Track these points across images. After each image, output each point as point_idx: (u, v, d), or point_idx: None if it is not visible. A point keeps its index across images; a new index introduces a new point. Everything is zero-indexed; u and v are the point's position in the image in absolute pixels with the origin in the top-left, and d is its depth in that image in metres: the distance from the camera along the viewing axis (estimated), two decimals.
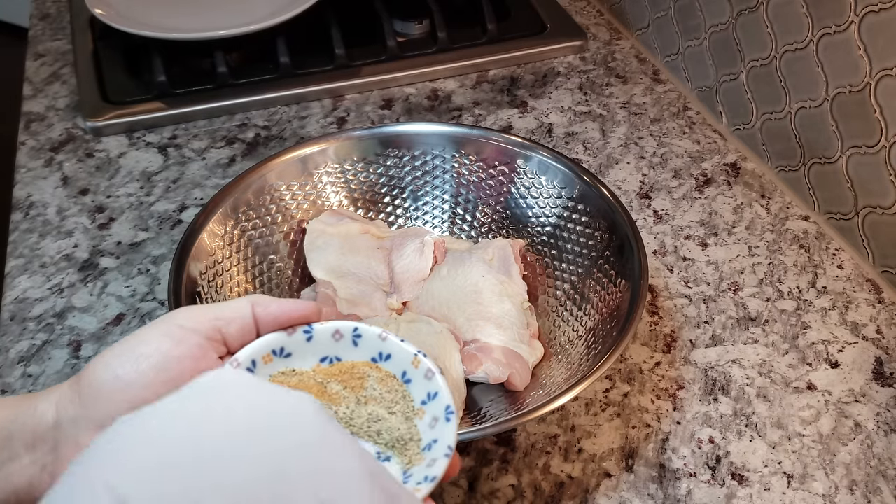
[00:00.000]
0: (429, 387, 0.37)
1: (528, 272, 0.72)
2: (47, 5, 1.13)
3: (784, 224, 0.83)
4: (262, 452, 0.26)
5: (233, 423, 0.27)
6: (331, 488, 0.26)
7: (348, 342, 0.38)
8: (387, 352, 0.38)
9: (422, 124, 0.76)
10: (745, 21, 0.86)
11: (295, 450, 0.26)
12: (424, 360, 0.37)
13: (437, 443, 0.35)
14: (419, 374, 0.37)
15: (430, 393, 0.37)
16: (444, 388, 0.37)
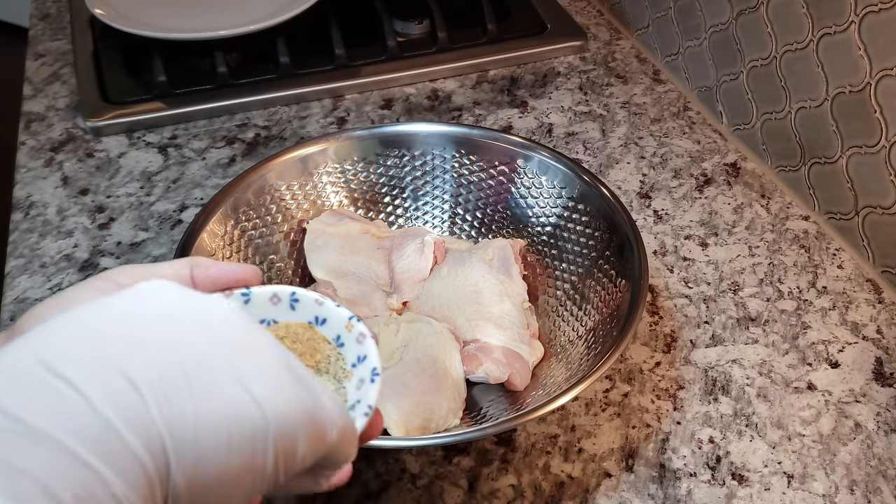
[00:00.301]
0: (359, 350, 0.38)
1: (528, 272, 0.72)
2: (47, 5, 1.13)
3: (784, 224, 0.83)
4: (187, 337, 0.27)
5: (160, 312, 0.28)
6: (249, 369, 0.28)
7: (286, 306, 0.39)
8: (323, 316, 0.39)
9: (422, 124, 0.76)
10: (745, 21, 0.86)
11: (218, 337, 0.28)
12: (357, 325, 0.38)
13: (360, 402, 0.36)
14: (352, 337, 0.38)
15: (359, 356, 0.38)
16: (373, 352, 0.38)
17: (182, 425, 0.26)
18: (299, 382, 0.29)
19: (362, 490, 0.60)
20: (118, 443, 0.24)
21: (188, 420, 0.26)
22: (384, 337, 0.64)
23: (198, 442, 0.26)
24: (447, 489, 0.61)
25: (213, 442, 0.26)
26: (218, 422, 0.26)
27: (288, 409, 0.28)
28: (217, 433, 0.26)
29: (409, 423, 0.58)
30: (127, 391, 0.25)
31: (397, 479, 0.61)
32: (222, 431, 0.26)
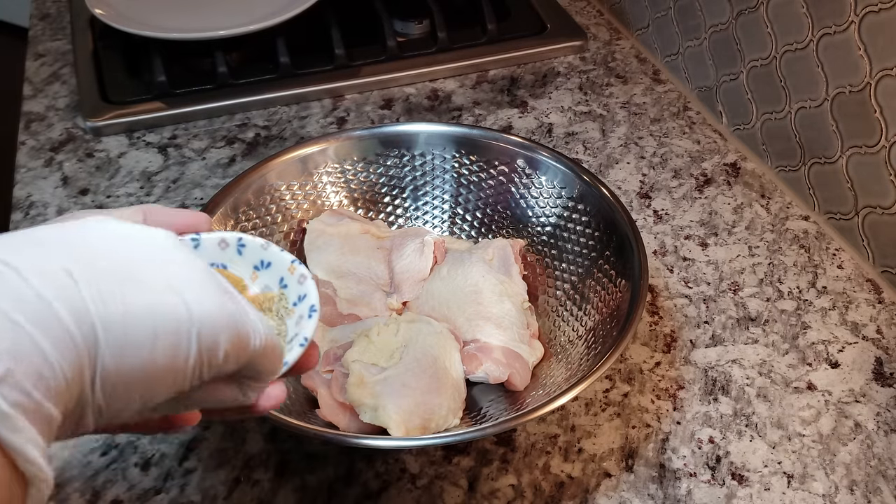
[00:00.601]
0: (300, 290, 0.41)
1: (528, 272, 0.72)
2: (47, 5, 1.13)
3: (784, 224, 0.83)
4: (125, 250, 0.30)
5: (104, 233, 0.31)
6: (179, 277, 0.30)
7: (233, 251, 0.42)
8: (268, 260, 0.42)
9: (422, 124, 0.76)
10: (745, 21, 0.86)
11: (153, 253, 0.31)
12: (299, 267, 0.42)
13: (298, 335, 0.40)
14: (294, 279, 0.42)
15: (300, 295, 0.41)
16: (312, 291, 0.41)
17: (112, 312, 0.28)
18: (226, 294, 0.32)
19: (362, 490, 0.60)
20: (52, 318, 0.26)
21: (118, 309, 0.28)
22: (384, 337, 0.64)
23: (126, 328, 0.28)
24: (447, 489, 0.61)
25: (141, 330, 0.28)
26: (146, 315, 0.28)
27: (212, 312, 0.30)
28: (144, 323, 0.28)
29: (409, 423, 0.58)
30: (63, 280, 0.27)
31: (397, 479, 0.61)
32: (149, 323, 0.28)
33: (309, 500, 0.60)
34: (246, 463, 0.62)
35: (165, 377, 0.30)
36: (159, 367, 0.29)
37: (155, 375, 0.29)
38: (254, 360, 0.33)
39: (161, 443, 0.63)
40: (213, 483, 0.61)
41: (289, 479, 0.61)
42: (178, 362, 0.30)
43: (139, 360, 0.28)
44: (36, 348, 0.26)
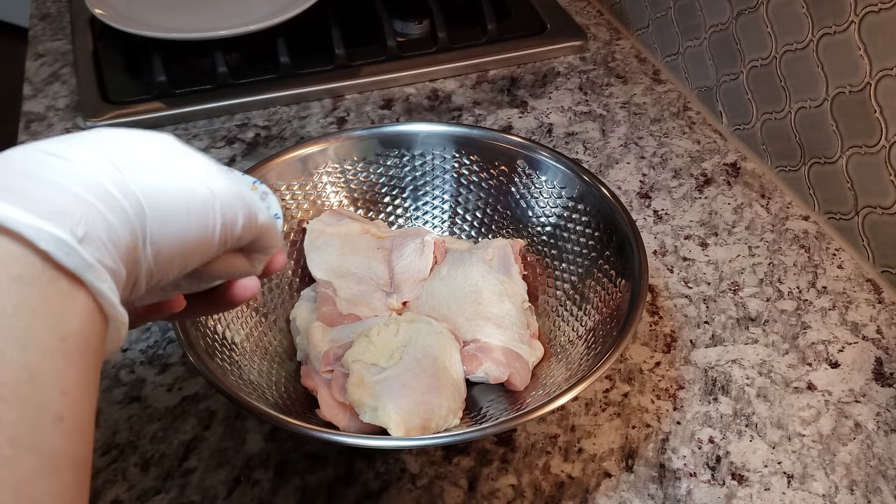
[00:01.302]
0: (265, 202, 0.48)
1: (528, 272, 0.72)
2: (47, 5, 1.14)
3: (784, 224, 0.83)
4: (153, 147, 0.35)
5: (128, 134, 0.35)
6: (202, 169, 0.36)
7: None
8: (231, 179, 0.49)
9: (422, 124, 0.76)
10: (745, 21, 0.86)
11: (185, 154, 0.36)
12: (260, 186, 0.48)
13: None
14: (258, 194, 0.48)
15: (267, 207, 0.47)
16: (274, 203, 0.48)
17: (153, 194, 0.33)
18: (236, 182, 0.38)
19: (362, 490, 0.60)
20: (107, 194, 0.31)
21: (157, 191, 0.33)
22: (384, 337, 0.64)
23: (165, 206, 0.33)
24: (447, 489, 0.61)
25: (177, 207, 0.34)
26: (179, 195, 0.34)
27: (230, 194, 0.36)
28: (179, 202, 0.34)
29: (409, 423, 0.58)
30: (109, 167, 0.32)
31: (397, 479, 0.61)
32: (182, 201, 0.34)
33: (309, 500, 0.60)
34: (246, 463, 0.62)
35: (198, 246, 0.35)
36: (193, 236, 0.34)
37: (190, 244, 0.35)
38: (260, 236, 0.40)
39: (161, 443, 0.63)
40: (213, 483, 0.61)
41: (289, 479, 0.61)
42: (206, 233, 0.35)
43: (177, 231, 0.34)
44: (101, 217, 0.30)
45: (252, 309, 0.67)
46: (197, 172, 0.36)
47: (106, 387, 0.67)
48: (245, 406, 0.54)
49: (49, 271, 0.29)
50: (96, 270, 0.30)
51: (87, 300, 0.30)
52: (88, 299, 0.30)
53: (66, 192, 0.30)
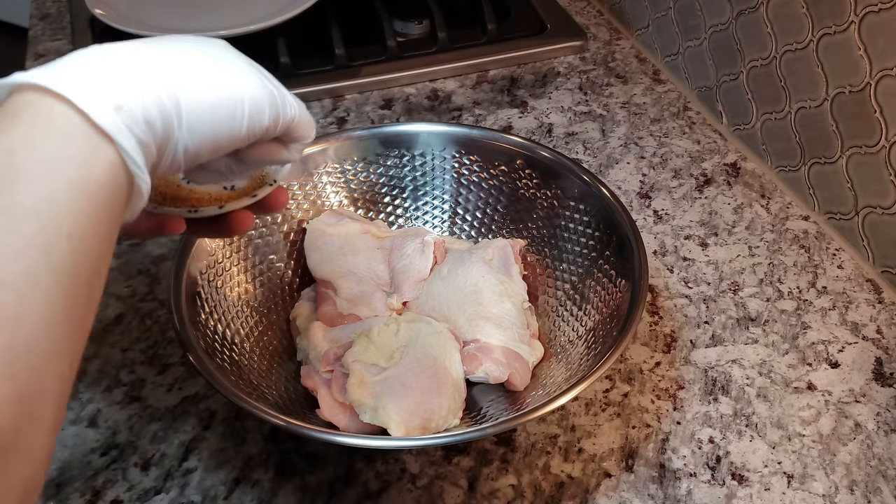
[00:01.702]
0: None
1: (528, 272, 0.72)
2: (47, 5, 1.14)
3: (784, 224, 0.83)
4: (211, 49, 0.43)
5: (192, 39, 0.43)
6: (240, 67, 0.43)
7: None
8: None
9: (422, 124, 0.76)
10: (745, 21, 0.86)
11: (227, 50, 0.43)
12: None
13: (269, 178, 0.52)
14: None
15: None
16: None
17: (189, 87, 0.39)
18: (269, 82, 0.44)
19: (362, 490, 0.60)
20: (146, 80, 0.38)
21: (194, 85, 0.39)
22: (384, 337, 0.64)
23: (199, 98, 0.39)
24: (447, 489, 0.61)
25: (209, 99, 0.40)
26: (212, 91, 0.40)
27: (258, 93, 0.42)
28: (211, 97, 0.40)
29: (409, 423, 0.58)
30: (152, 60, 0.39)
31: (397, 479, 0.61)
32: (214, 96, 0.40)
33: (309, 500, 0.60)
34: (246, 463, 0.62)
35: (227, 133, 0.41)
36: (222, 124, 0.41)
37: (220, 130, 0.41)
38: (291, 127, 0.45)
39: (161, 443, 0.63)
40: (213, 483, 0.61)
41: (289, 479, 0.61)
42: (234, 123, 0.41)
43: (209, 118, 0.40)
44: (138, 97, 0.37)
45: (252, 309, 0.67)
46: (230, 71, 0.42)
47: (106, 387, 0.67)
48: (245, 406, 0.54)
49: (85, 128, 0.35)
50: (125, 134, 0.36)
51: (113, 155, 0.36)
52: (115, 155, 0.36)
53: (111, 75, 0.37)
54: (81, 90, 0.35)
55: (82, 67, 0.37)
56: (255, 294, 0.69)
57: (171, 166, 0.40)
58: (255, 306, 0.68)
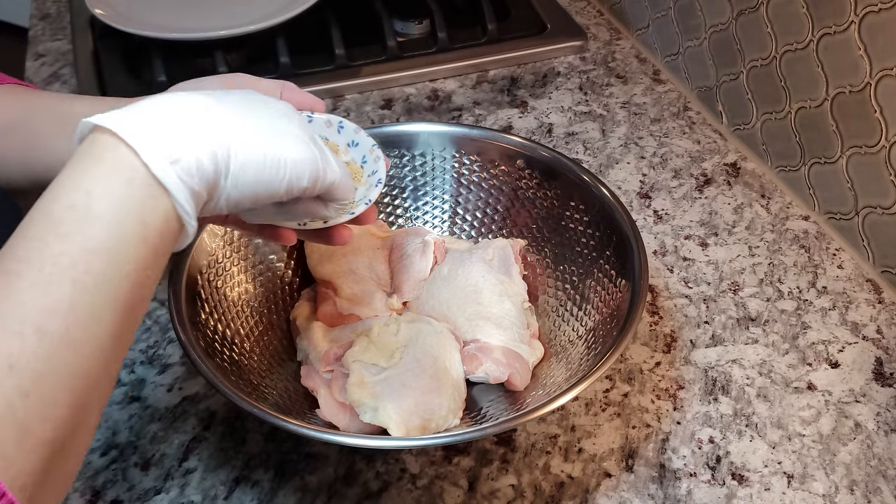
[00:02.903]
0: (375, 166, 0.56)
1: (528, 272, 0.72)
2: (47, 5, 1.14)
3: (784, 224, 0.83)
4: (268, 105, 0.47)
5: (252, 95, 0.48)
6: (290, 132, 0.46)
7: (335, 129, 0.58)
8: (357, 140, 0.57)
9: (422, 124, 0.76)
10: (745, 21, 0.86)
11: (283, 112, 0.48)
12: (377, 150, 0.57)
13: (365, 197, 0.55)
14: (372, 157, 0.57)
15: (374, 170, 0.56)
16: (381, 168, 0.56)
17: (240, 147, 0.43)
18: (315, 146, 0.47)
19: (362, 490, 0.60)
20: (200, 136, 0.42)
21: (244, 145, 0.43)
22: (384, 337, 0.64)
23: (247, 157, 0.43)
24: (447, 489, 0.61)
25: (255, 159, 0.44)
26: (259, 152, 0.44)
27: (300, 158, 0.46)
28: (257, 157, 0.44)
29: (409, 423, 0.58)
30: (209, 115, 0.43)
31: (397, 479, 0.61)
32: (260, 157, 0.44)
33: (309, 500, 0.60)
34: (246, 463, 0.62)
35: (267, 189, 0.45)
36: (264, 182, 0.45)
37: (261, 187, 0.45)
38: (331, 189, 0.49)
39: (161, 443, 0.63)
40: (213, 483, 0.61)
41: (289, 479, 0.61)
42: (274, 182, 0.45)
43: (254, 171, 0.44)
44: (193, 152, 0.41)
45: (252, 309, 0.67)
46: (280, 134, 0.46)
47: None
48: (245, 406, 0.54)
49: (148, 179, 0.40)
50: (178, 186, 0.40)
51: (168, 206, 0.41)
52: (169, 206, 0.41)
53: (177, 129, 0.41)
54: (146, 141, 0.40)
55: (151, 118, 0.41)
56: (255, 294, 0.69)
57: (214, 210, 0.45)
58: (255, 306, 0.68)
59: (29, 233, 0.38)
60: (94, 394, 0.38)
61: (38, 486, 0.35)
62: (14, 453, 0.34)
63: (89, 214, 0.38)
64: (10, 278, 0.36)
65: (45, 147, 0.56)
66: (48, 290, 0.36)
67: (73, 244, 0.37)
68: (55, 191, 0.39)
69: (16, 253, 0.37)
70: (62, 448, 0.36)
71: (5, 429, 0.34)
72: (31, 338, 0.35)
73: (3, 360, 0.34)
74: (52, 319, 0.36)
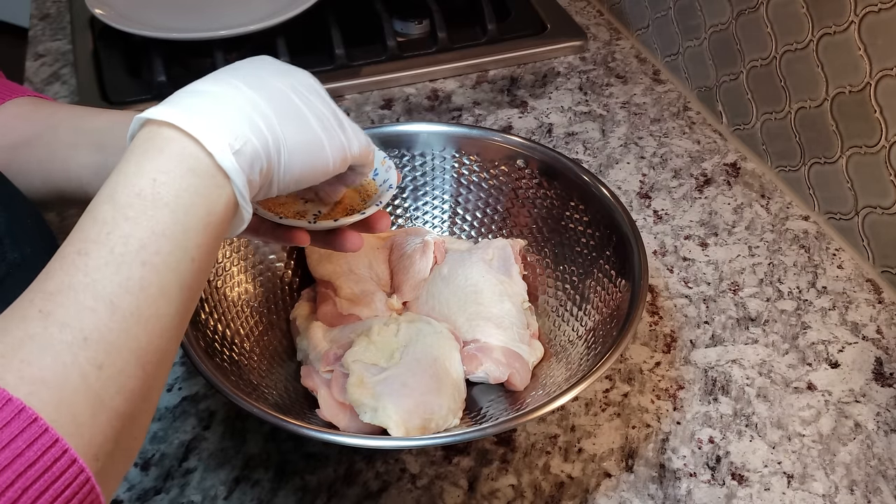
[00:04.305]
0: (386, 175, 0.59)
1: (528, 272, 0.72)
2: (47, 5, 1.14)
3: (784, 224, 0.83)
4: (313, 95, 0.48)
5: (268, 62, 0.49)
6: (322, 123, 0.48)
7: None
8: None
9: (422, 124, 0.76)
10: (745, 21, 0.86)
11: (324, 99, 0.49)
12: (388, 161, 0.59)
13: (377, 199, 0.57)
14: (383, 168, 0.59)
15: (385, 179, 0.58)
16: (393, 175, 0.58)
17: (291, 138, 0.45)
18: (344, 132, 0.49)
19: (362, 490, 0.60)
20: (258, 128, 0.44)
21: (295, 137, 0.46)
22: (384, 337, 0.64)
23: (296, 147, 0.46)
24: (447, 489, 0.61)
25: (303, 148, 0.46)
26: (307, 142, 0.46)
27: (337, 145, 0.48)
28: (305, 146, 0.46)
29: (409, 423, 0.58)
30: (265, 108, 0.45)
31: (397, 479, 0.61)
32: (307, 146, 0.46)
33: (309, 500, 0.60)
34: (246, 463, 0.62)
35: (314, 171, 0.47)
36: (310, 163, 0.47)
37: (308, 169, 0.47)
38: (354, 162, 0.51)
39: (161, 443, 0.63)
40: (213, 483, 0.61)
41: (289, 479, 0.61)
42: (320, 165, 0.47)
43: (301, 158, 0.46)
44: (251, 141, 0.43)
45: (252, 309, 0.67)
46: (323, 125, 0.47)
47: None
48: (245, 406, 0.54)
49: (212, 168, 0.42)
50: (239, 174, 0.42)
51: (230, 194, 0.43)
52: (231, 193, 0.43)
53: (231, 119, 0.43)
54: (209, 132, 0.42)
55: (206, 110, 0.43)
56: (255, 294, 0.69)
57: (266, 195, 0.47)
58: (255, 306, 0.68)
59: (98, 216, 0.40)
60: (160, 370, 0.40)
61: (109, 457, 0.37)
62: (88, 423, 0.36)
63: (157, 201, 0.40)
64: (82, 257, 0.38)
65: (65, 159, 0.56)
66: (119, 269, 0.38)
67: (142, 228, 0.39)
68: (117, 180, 0.41)
69: (87, 234, 0.39)
70: (132, 421, 0.38)
71: (80, 399, 0.36)
72: (104, 313, 0.37)
73: (78, 333, 0.36)
74: (123, 296, 0.38)
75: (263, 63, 0.49)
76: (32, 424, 0.34)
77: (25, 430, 0.34)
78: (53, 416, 0.34)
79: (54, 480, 0.34)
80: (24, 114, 0.60)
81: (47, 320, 0.36)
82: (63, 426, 0.35)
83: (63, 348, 0.36)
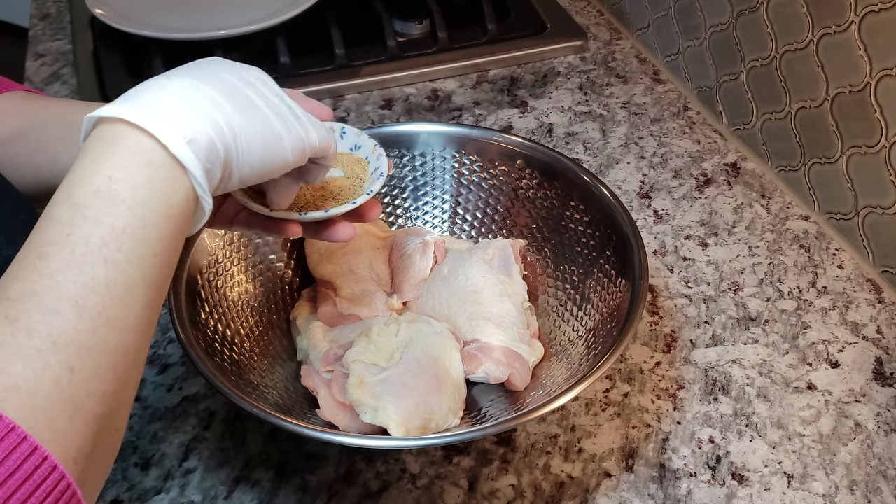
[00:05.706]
0: (377, 163, 0.58)
1: (528, 272, 0.72)
2: (47, 5, 1.14)
3: (784, 224, 0.83)
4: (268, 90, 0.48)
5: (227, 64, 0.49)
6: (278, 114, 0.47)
7: (338, 135, 0.60)
8: (359, 143, 0.60)
9: (422, 124, 0.76)
10: (746, 21, 0.86)
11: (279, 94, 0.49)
12: (378, 149, 0.59)
13: (367, 188, 0.57)
14: (374, 156, 0.59)
15: (377, 167, 0.58)
16: (384, 164, 0.58)
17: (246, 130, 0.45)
18: (300, 123, 0.48)
19: (362, 490, 0.60)
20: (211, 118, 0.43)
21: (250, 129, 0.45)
22: (384, 337, 0.64)
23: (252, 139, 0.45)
24: (447, 489, 0.61)
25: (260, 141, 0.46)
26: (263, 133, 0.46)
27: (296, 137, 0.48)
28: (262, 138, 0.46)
29: (409, 423, 0.58)
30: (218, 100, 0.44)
31: (397, 479, 0.61)
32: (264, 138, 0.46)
33: (309, 500, 0.60)
34: (246, 463, 0.62)
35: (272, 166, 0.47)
36: (268, 159, 0.46)
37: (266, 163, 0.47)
38: (315, 153, 0.50)
39: (161, 443, 0.63)
40: (213, 483, 0.61)
41: (289, 479, 0.61)
42: (276, 160, 0.47)
43: (259, 149, 0.46)
44: (205, 132, 0.43)
45: (252, 309, 0.67)
46: (279, 117, 0.47)
47: None
48: (245, 406, 0.54)
49: (167, 160, 0.41)
50: (195, 164, 0.42)
51: (188, 185, 0.42)
52: (189, 185, 0.42)
53: (184, 111, 0.42)
54: (161, 124, 0.41)
55: (156, 103, 0.42)
56: (255, 294, 0.69)
57: (227, 188, 0.46)
58: (255, 306, 0.68)
59: (56, 217, 0.39)
60: (133, 368, 0.40)
61: (89, 460, 0.37)
62: (65, 428, 0.35)
63: (115, 197, 0.39)
64: (44, 260, 0.38)
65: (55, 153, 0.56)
66: (83, 269, 0.38)
67: (102, 226, 0.39)
68: (73, 180, 0.40)
69: (46, 237, 0.39)
70: (109, 422, 0.38)
71: (55, 404, 0.35)
72: (71, 314, 0.37)
73: (47, 338, 0.36)
74: (89, 297, 0.37)
75: (215, 61, 0.49)
76: (10, 433, 0.33)
77: (4, 440, 0.33)
78: (30, 422, 0.34)
79: (35, 489, 0.33)
80: (14, 108, 0.59)
81: (14, 326, 0.36)
82: (40, 433, 0.34)
83: (33, 354, 0.35)
